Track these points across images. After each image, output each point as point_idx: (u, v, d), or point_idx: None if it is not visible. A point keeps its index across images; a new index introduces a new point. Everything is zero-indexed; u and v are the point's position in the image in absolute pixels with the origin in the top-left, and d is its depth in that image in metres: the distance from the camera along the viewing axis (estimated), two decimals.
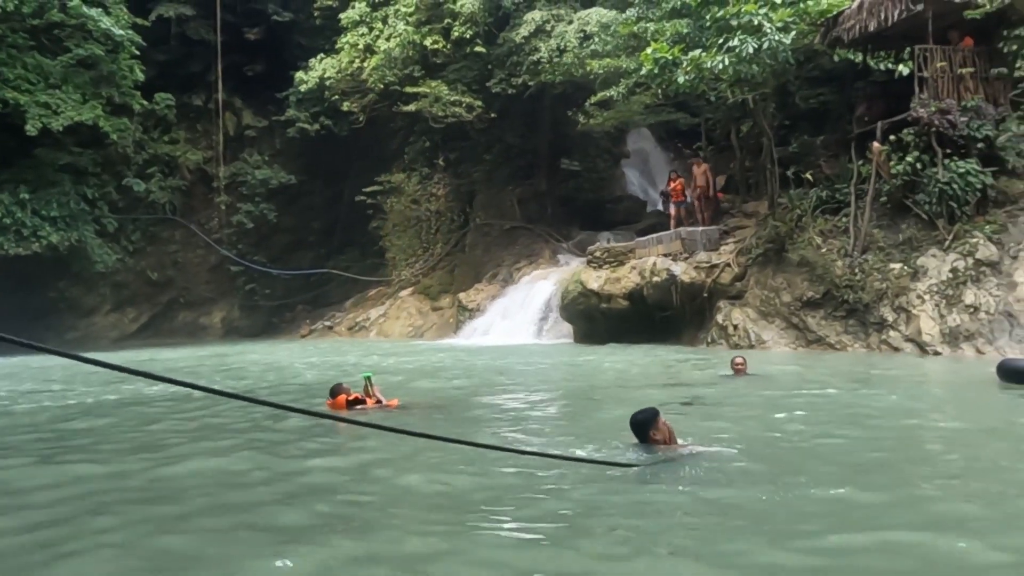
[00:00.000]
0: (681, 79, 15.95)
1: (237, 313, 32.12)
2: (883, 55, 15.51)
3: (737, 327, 16.31)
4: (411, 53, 25.01)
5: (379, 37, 25.81)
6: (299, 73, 27.84)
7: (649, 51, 16.22)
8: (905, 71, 15.18)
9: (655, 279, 17.98)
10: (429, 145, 29.15)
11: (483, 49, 24.60)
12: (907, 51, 15.22)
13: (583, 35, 21.81)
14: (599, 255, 19.90)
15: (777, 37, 14.84)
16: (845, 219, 15.75)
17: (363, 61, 26.12)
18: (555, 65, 22.36)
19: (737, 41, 14.91)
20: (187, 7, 29.80)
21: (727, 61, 15.03)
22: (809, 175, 17.04)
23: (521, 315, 22.52)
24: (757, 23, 14.85)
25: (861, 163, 16.00)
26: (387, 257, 30.56)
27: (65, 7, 23.93)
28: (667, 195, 21.90)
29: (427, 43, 24.81)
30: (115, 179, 28.25)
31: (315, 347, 23.02)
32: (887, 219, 15.30)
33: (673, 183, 21.01)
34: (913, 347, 13.53)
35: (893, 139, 15.09)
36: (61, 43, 25.20)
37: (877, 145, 15.29)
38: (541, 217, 28.01)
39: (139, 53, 26.26)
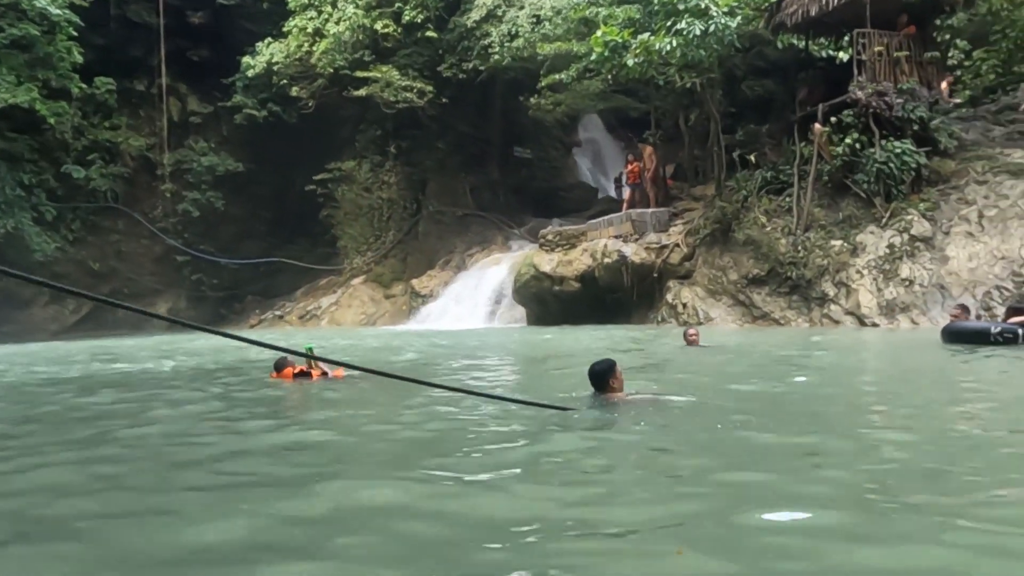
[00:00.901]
0: (630, 62, 16.21)
1: (184, 304, 31.32)
2: (824, 42, 16.04)
3: (686, 305, 16.68)
4: (361, 37, 24.78)
5: (328, 20, 25.48)
6: (246, 58, 27.30)
7: (599, 34, 16.44)
8: (845, 57, 15.74)
9: (606, 260, 18.24)
10: (380, 133, 28.91)
11: (434, 34, 24.53)
12: (847, 38, 15.79)
13: (535, 20, 21.93)
14: (551, 238, 20.09)
15: (723, 21, 15.22)
16: (788, 199, 16.24)
17: (312, 45, 25.76)
18: (506, 50, 22.44)
19: (684, 24, 15.23)
20: None
21: (675, 43, 15.35)
22: (754, 157, 17.50)
23: (473, 300, 22.58)
24: (704, 6, 15.20)
25: (803, 145, 16.51)
26: (339, 246, 30.23)
27: None
28: (620, 181, 22.23)
29: (377, 27, 24.60)
30: (53, 166, 27.27)
31: (268, 334, 22.68)
32: (828, 198, 15.84)
33: (630, 164, 21.32)
34: (853, 320, 14.06)
35: (834, 121, 15.62)
36: None
37: (818, 126, 15.80)
38: (494, 205, 28.09)
39: (77, 35, 25.39)
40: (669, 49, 15.47)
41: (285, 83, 26.88)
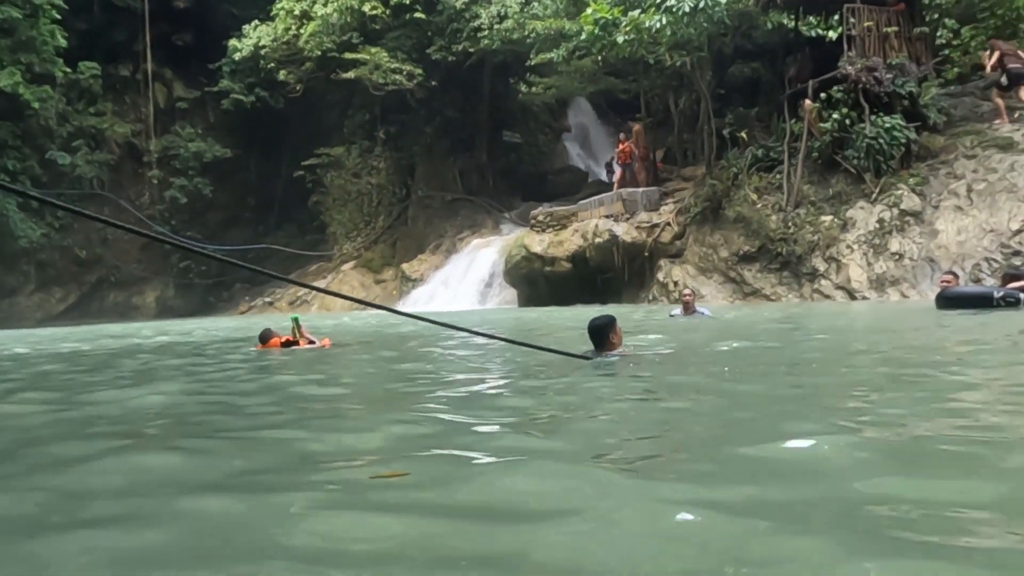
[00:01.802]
0: (620, 39, 16.16)
1: (171, 292, 31.14)
2: (813, 21, 16.07)
3: (677, 284, 16.70)
4: (349, 19, 24.60)
5: (316, 2, 25.28)
6: (232, 41, 27.06)
7: (589, 12, 16.38)
8: (834, 36, 15.77)
9: (597, 240, 18.25)
10: (368, 118, 28.77)
11: (423, 15, 24.39)
12: (836, 16, 15.81)
13: (524, 0, 21.84)
14: (542, 219, 20.07)
15: None
16: (779, 176, 16.29)
17: (299, 28, 25.56)
18: (495, 32, 22.34)
19: (674, 1, 15.19)
20: None
21: (664, 21, 15.31)
22: (744, 135, 17.52)
23: (464, 282, 22.54)
24: None
25: (794, 122, 16.54)
26: (328, 232, 30.09)
27: None
28: (611, 166, 22.22)
29: (366, 9, 24.43)
30: (37, 152, 26.98)
31: (258, 319, 22.55)
32: (818, 175, 15.89)
33: (622, 144, 21.28)
34: (843, 294, 14.14)
35: (824, 97, 15.65)
36: None
37: (808, 102, 15.84)
38: (482, 189, 28.02)
39: (60, 18, 25.08)
40: (659, 27, 15.44)
41: (272, 67, 26.68)
